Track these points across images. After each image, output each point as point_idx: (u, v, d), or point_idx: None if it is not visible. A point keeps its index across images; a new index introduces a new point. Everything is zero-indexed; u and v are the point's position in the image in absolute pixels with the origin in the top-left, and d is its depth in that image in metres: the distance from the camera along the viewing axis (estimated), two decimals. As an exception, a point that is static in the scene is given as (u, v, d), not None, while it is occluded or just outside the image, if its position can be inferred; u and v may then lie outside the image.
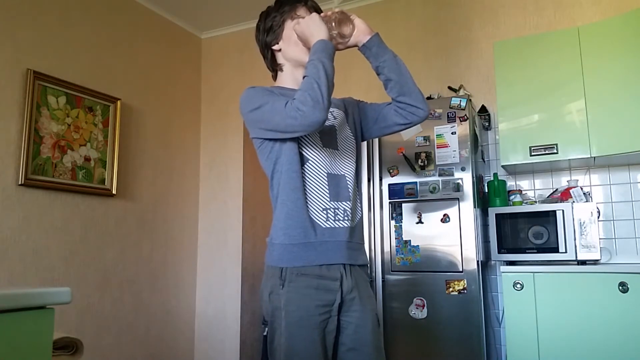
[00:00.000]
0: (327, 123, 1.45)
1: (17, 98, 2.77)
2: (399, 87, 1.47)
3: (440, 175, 2.68)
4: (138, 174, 3.51)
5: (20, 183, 2.72)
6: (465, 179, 2.62)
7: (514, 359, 2.43)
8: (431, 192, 2.68)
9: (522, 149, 2.71)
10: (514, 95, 2.78)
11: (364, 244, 1.50)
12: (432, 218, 2.67)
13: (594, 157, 2.60)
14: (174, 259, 3.75)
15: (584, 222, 2.48)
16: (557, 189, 2.88)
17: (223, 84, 4.10)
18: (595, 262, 2.51)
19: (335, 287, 1.34)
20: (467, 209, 2.60)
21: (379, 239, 2.75)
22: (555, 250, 2.52)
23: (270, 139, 1.39)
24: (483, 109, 3.05)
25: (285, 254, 1.35)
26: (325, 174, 1.40)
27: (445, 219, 2.64)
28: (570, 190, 2.73)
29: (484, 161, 3.07)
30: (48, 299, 0.86)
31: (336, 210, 1.39)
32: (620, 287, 2.26)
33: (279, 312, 1.33)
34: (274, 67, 1.53)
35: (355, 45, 1.48)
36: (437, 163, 2.69)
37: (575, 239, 2.48)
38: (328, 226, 1.37)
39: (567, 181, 2.83)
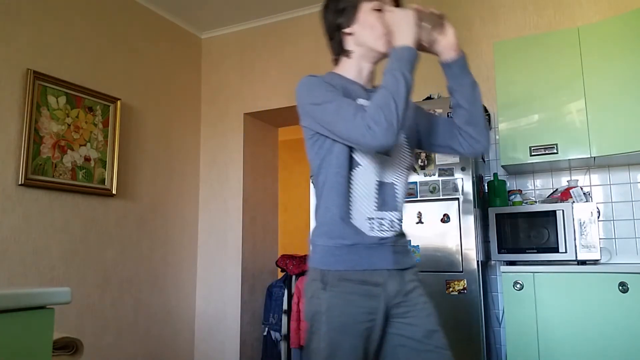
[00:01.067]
0: None
1: (17, 98, 2.77)
2: (467, 117, 1.40)
3: (440, 175, 2.67)
4: (138, 174, 3.51)
5: (20, 183, 2.72)
6: (465, 179, 2.62)
7: (514, 359, 2.43)
8: (431, 192, 2.68)
9: (522, 149, 2.71)
10: (514, 95, 2.78)
11: (408, 245, 1.41)
12: (432, 218, 2.67)
13: (594, 157, 2.60)
14: (174, 259, 3.75)
15: (584, 222, 2.48)
16: (557, 189, 2.88)
17: (223, 84, 4.10)
18: (595, 262, 2.51)
19: (378, 293, 1.27)
20: (467, 209, 2.59)
21: (379, 239, 2.75)
22: (555, 250, 2.52)
23: (323, 135, 1.30)
24: (483, 109, 3.05)
25: (327, 256, 1.28)
26: (375, 182, 1.31)
27: (445, 219, 2.64)
28: (570, 190, 2.73)
29: (484, 161, 3.07)
30: (48, 299, 0.86)
31: (381, 221, 1.31)
32: (620, 287, 2.26)
33: (319, 317, 1.25)
34: (339, 52, 1.41)
35: (435, 54, 1.39)
36: (437, 163, 2.69)
37: (575, 239, 2.48)
38: (372, 235, 1.29)
39: (567, 181, 2.83)
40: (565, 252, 2.49)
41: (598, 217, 2.75)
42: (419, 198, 2.70)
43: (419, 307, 1.32)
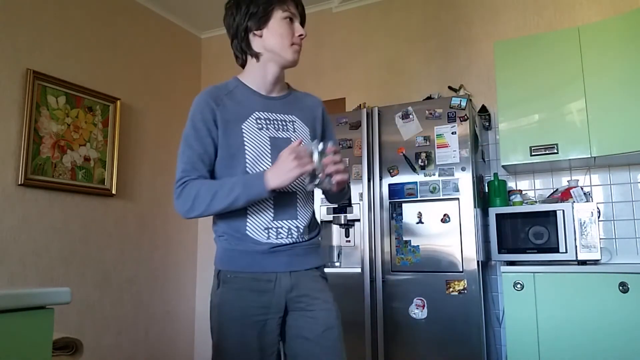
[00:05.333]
0: (283, 135, 1.39)
1: (17, 98, 2.77)
2: (328, 197, 1.52)
3: (440, 175, 2.67)
4: (138, 174, 3.50)
5: (20, 183, 2.72)
6: (466, 179, 2.62)
7: (514, 359, 2.43)
8: (431, 192, 2.68)
9: (523, 149, 2.71)
10: (514, 95, 2.78)
11: (315, 246, 1.44)
12: (432, 218, 2.67)
13: (594, 157, 2.59)
14: (174, 259, 3.75)
15: (584, 222, 2.48)
16: (557, 189, 2.87)
17: (223, 84, 4.09)
18: (595, 262, 2.51)
19: (270, 288, 1.33)
20: (467, 209, 2.59)
21: (379, 239, 2.75)
22: (556, 250, 2.52)
23: None
24: (483, 109, 3.05)
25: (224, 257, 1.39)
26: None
27: (445, 219, 2.64)
28: (571, 190, 2.73)
29: (484, 161, 3.07)
30: (48, 299, 0.86)
31: (279, 229, 1.36)
32: (621, 287, 2.26)
33: (213, 312, 1.39)
34: (248, 52, 1.43)
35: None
36: (437, 163, 2.69)
37: (575, 239, 2.48)
38: (270, 242, 1.35)
39: (568, 181, 2.83)
40: (566, 252, 2.49)
41: (598, 217, 2.75)
42: (419, 198, 2.70)
43: (312, 296, 1.37)
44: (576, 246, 2.48)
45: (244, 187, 1.28)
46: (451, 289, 2.56)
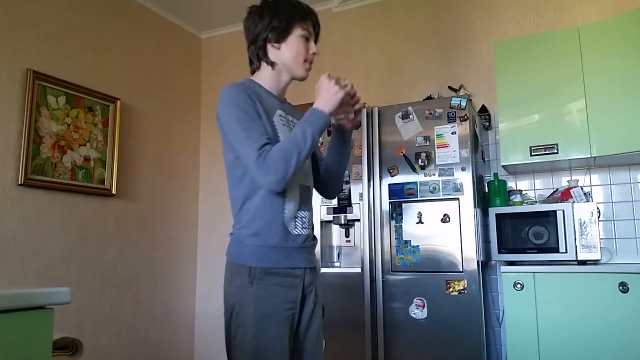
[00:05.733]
0: None
1: (17, 98, 2.77)
2: (328, 172, 1.60)
3: (440, 175, 2.67)
4: (138, 174, 3.50)
5: (20, 183, 2.72)
6: (466, 179, 2.62)
7: (514, 359, 2.43)
8: (431, 192, 2.68)
9: (523, 149, 2.71)
10: (514, 95, 2.78)
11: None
12: (432, 218, 2.67)
13: (594, 157, 2.59)
14: (174, 259, 3.75)
15: (584, 222, 2.48)
16: (557, 189, 2.87)
17: (223, 84, 4.08)
18: (595, 262, 2.51)
19: (297, 283, 1.41)
20: (467, 209, 2.59)
21: (379, 239, 2.75)
22: (556, 250, 2.52)
23: None
24: (483, 109, 3.05)
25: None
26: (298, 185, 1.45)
27: (445, 219, 2.64)
28: (571, 190, 2.73)
29: (484, 161, 3.07)
30: (48, 299, 0.86)
31: (303, 219, 1.45)
32: (621, 287, 2.26)
33: (246, 309, 1.40)
34: (263, 60, 1.49)
35: (337, 123, 1.52)
36: (437, 163, 2.69)
37: (575, 239, 2.48)
38: (296, 233, 1.43)
39: (568, 181, 2.83)
40: (566, 252, 2.49)
41: (598, 217, 2.75)
42: (419, 198, 2.70)
43: (317, 292, 1.50)
44: (576, 246, 2.48)
45: (312, 125, 1.33)
46: (451, 289, 2.56)
